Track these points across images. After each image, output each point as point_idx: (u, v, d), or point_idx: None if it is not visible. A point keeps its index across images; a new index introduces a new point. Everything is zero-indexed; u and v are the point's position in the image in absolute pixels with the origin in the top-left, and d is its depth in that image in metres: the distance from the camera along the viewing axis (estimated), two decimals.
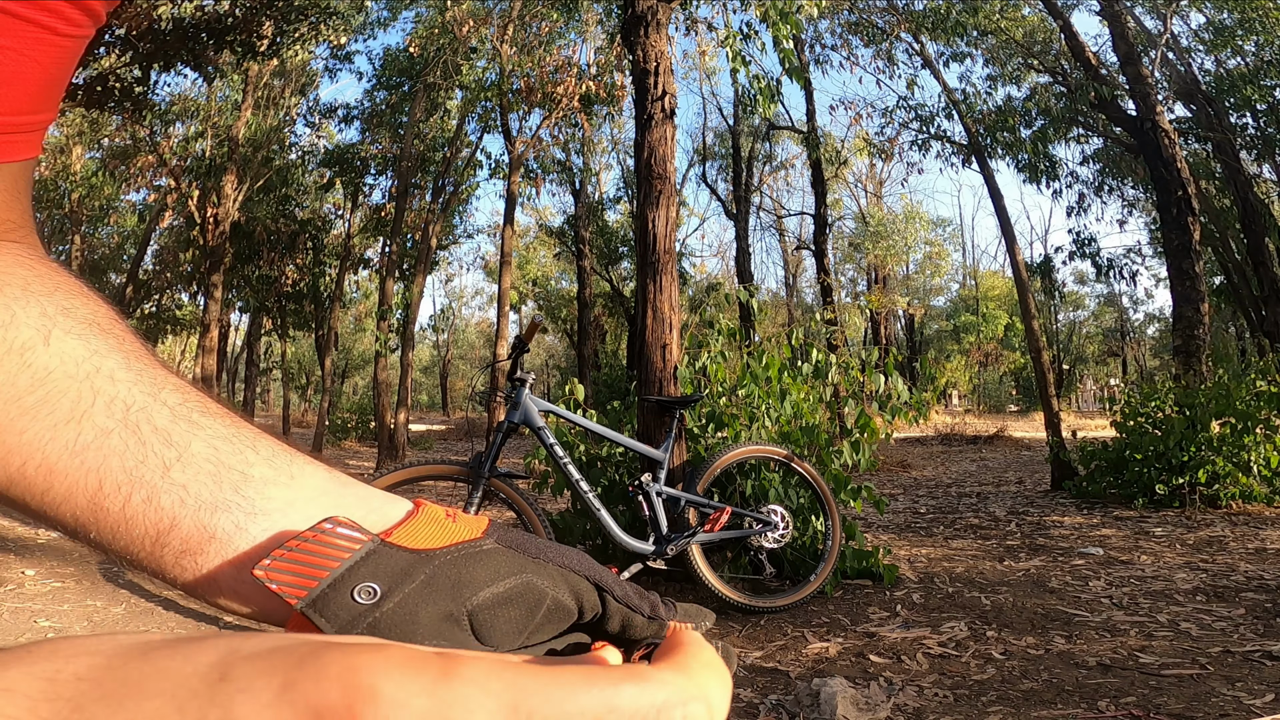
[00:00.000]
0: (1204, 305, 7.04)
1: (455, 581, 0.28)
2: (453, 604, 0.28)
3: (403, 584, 0.27)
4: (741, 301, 4.59)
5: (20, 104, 0.32)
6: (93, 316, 0.32)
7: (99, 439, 0.29)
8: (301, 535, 0.28)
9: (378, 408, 11.39)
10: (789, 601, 2.86)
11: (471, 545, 0.29)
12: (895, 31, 9.66)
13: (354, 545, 0.28)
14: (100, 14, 0.33)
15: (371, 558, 0.28)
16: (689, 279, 23.02)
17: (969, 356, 30.73)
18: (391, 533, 0.29)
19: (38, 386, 0.29)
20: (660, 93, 3.51)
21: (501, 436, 2.61)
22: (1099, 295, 32.71)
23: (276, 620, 0.29)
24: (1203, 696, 1.91)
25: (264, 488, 0.30)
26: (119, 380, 0.30)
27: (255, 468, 0.30)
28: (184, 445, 0.30)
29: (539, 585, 0.30)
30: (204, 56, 7.18)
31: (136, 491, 0.29)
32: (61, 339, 0.30)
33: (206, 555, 0.29)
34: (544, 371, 34.58)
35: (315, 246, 14.55)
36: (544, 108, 11.60)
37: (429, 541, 0.29)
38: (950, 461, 10.15)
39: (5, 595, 2.99)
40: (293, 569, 0.27)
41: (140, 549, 0.29)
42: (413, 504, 0.32)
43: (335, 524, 0.28)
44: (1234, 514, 4.86)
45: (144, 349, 0.32)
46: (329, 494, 0.31)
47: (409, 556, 0.28)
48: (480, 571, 0.29)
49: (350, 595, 0.27)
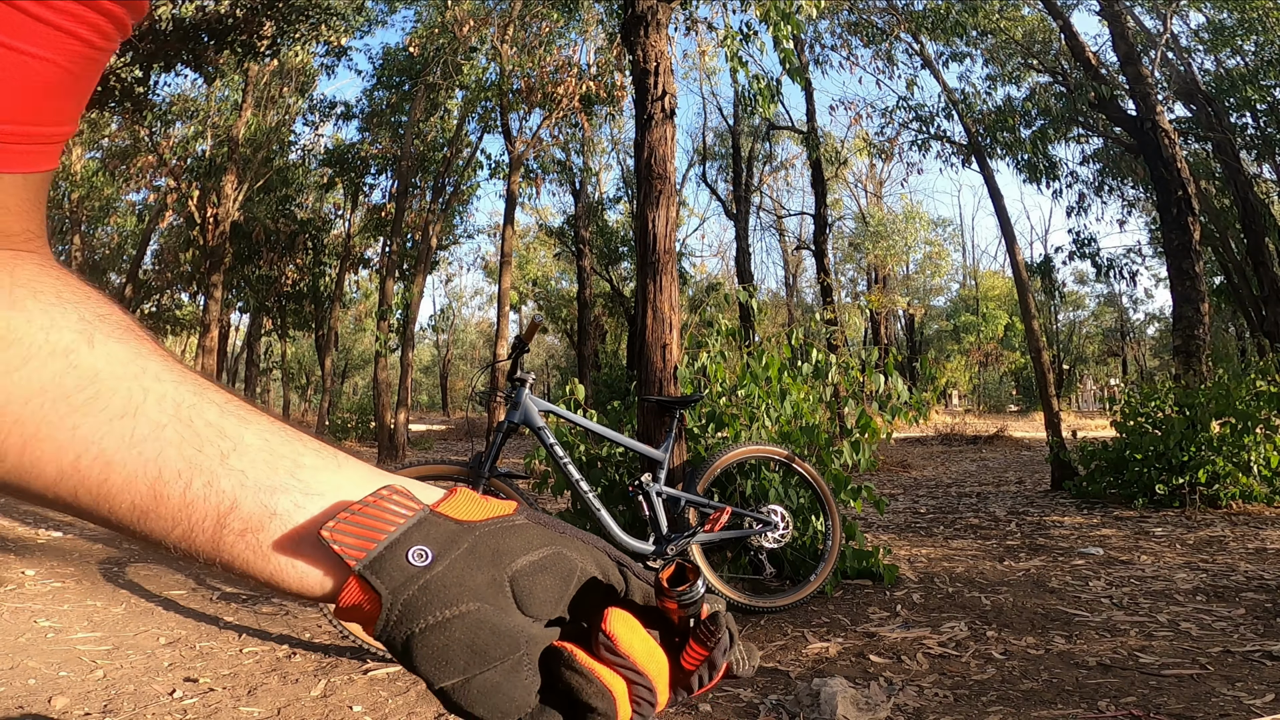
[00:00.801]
0: (1204, 305, 7.04)
1: (496, 550, 0.31)
2: (495, 570, 0.31)
3: (450, 549, 0.30)
4: (741, 302, 4.59)
5: (47, 115, 0.33)
6: (127, 323, 0.34)
7: (154, 432, 0.30)
8: (363, 500, 0.31)
9: (378, 408, 11.39)
10: (789, 601, 2.86)
11: (507, 519, 0.32)
12: (895, 31, 9.65)
13: (409, 511, 0.31)
14: (128, 29, 0.34)
15: (424, 524, 0.30)
16: (689, 279, 23.02)
17: (969, 356, 30.73)
18: (439, 505, 0.32)
19: (86, 386, 0.30)
20: (660, 93, 3.51)
21: (501, 436, 2.61)
22: (1099, 295, 32.73)
23: (322, 594, 0.31)
24: (1203, 696, 1.91)
25: (316, 473, 0.32)
26: (165, 380, 0.32)
27: (305, 456, 0.33)
28: (237, 437, 0.31)
29: (569, 556, 0.33)
30: (204, 57, 7.17)
31: (197, 477, 0.30)
32: (104, 342, 0.32)
33: (268, 531, 0.31)
34: (544, 371, 34.58)
35: (315, 246, 14.55)
36: (544, 108, 11.61)
37: (470, 515, 0.32)
38: (950, 461, 10.15)
39: (5, 595, 2.99)
40: (354, 531, 0.30)
41: (201, 531, 0.30)
42: (450, 488, 0.34)
43: (392, 491, 0.31)
44: (1234, 514, 4.86)
45: (176, 357, 0.34)
46: (374, 478, 0.33)
47: (455, 526, 0.31)
48: (516, 541, 0.32)
49: (405, 557, 0.29)
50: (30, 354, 0.30)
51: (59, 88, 0.32)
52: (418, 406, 41.11)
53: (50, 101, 0.32)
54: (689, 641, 0.34)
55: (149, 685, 2.10)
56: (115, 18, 0.32)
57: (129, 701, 1.98)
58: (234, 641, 2.52)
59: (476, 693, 0.29)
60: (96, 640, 2.50)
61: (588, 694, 0.31)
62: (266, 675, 2.19)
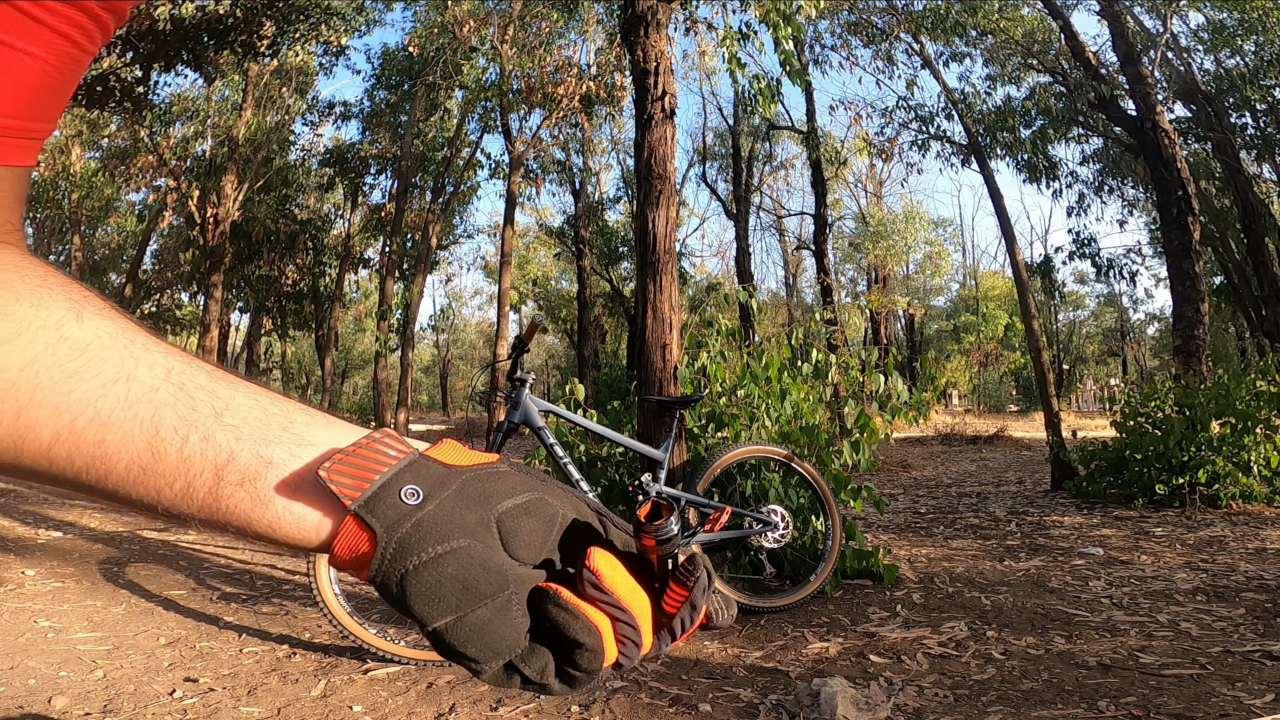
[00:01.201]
0: (1204, 305, 7.04)
1: (482, 492, 0.33)
2: (483, 510, 0.32)
3: (440, 490, 0.32)
4: (741, 302, 4.59)
5: (33, 110, 0.34)
6: (110, 305, 0.35)
7: (148, 394, 0.32)
8: (357, 442, 0.32)
9: (378, 408, 11.40)
10: (789, 601, 2.86)
11: (491, 466, 0.34)
12: (895, 32, 9.65)
13: (399, 454, 0.32)
14: (110, 33, 0.36)
15: (414, 465, 0.32)
16: (689, 279, 23.01)
17: (969, 356, 30.72)
18: (428, 451, 0.34)
19: (78, 355, 0.31)
20: (660, 93, 3.51)
21: (501, 436, 2.61)
22: (1099, 295, 32.71)
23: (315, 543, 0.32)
24: (1203, 696, 1.91)
25: (307, 428, 0.34)
26: (153, 350, 0.33)
27: (295, 414, 0.34)
28: (228, 397, 0.33)
29: (552, 503, 0.34)
30: (204, 57, 7.17)
31: (194, 432, 0.31)
32: (93, 318, 0.33)
33: (265, 480, 0.32)
34: (544, 371, 34.57)
35: (315, 246, 14.54)
36: (544, 108, 11.61)
37: (457, 460, 0.34)
38: (950, 461, 10.15)
39: (5, 595, 2.99)
40: (350, 471, 0.31)
41: (200, 484, 0.31)
42: (437, 440, 0.36)
43: (385, 434, 0.33)
44: (1234, 514, 4.86)
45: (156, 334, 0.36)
46: (363, 434, 0.34)
47: (444, 469, 0.33)
48: (501, 486, 0.33)
49: (398, 495, 0.31)
50: (22, 327, 0.31)
51: (46, 85, 0.33)
52: (418, 406, 41.10)
53: (37, 98, 0.34)
54: (669, 584, 0.35)
55: (149, 685, 2.10)
56: (100, 21, 0.34)
57: (129, 701, 1.98)
58: (234, 641, 2.52)
59: (469, 631, 0.30)
60: (96, 640, 2.50)
61: (574, 630, 0.32)
62: (266, 675, 2.19)
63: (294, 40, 7.66)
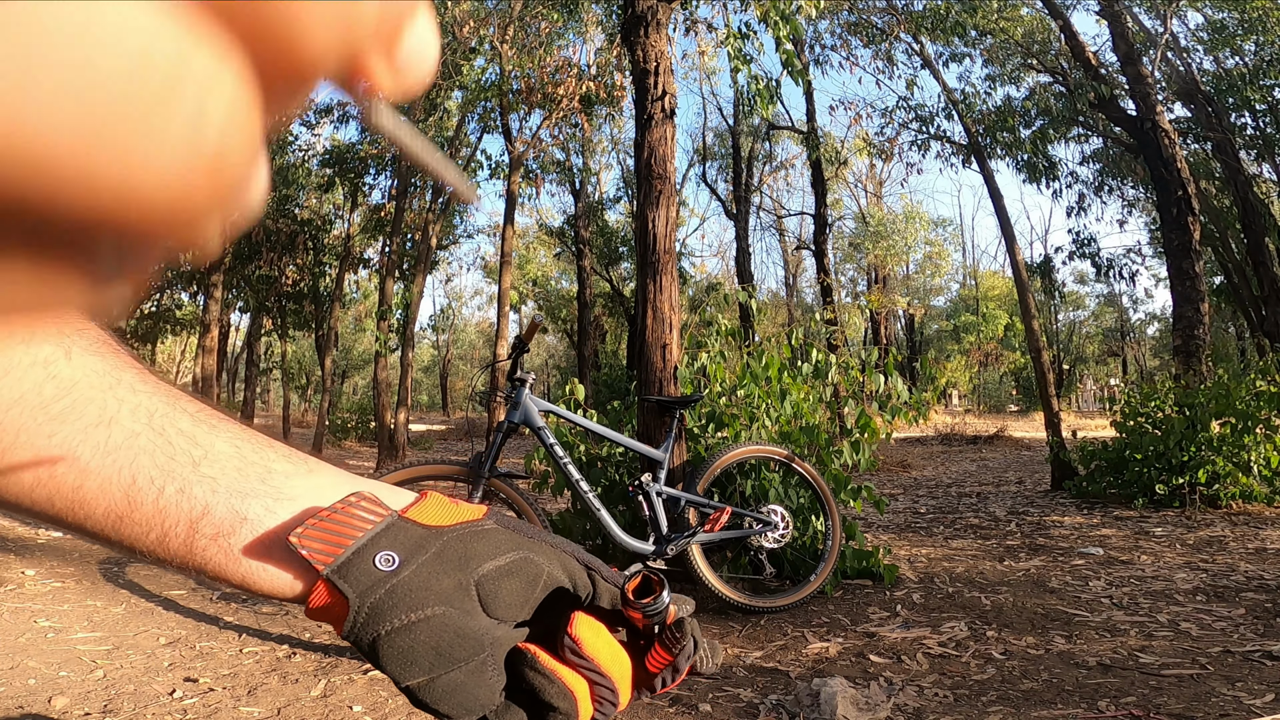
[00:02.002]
0: (1204, 305, 7.04)
1: (463, 554, 0.32)
2: (461, 574, 0.31)
3: (418, 554, 0.31)
4: (741, 302, 4.59)
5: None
6: (102, 338, 0.34)
7: (128, 440, 0.31)
8: (332, 507, 0.31)
9: (378, 408, 11.39)
10: (789, 601, 2.86)
11: (476, 524, 0.34)
12: (894, 32, 9.65)
13: (376, 518, 0.31)
14: None
15: (391, 529, 0.31)
16: (689, 279, 23.01)
17: (969, 356, 30.72)
18: (407, 510, 0.33)
19: (64, 395, 0.31)
20: (660, 93, 3.51)
21: (501, 436, 2.61)
22: (1099, 295, 32.72)
23: (292, 596, 0.32)
24: (1203, 696, 1.91)
25: (286, 479, 0.33)
26: (139, 390, 0.33)
27: (276, 463, 0.33)
28: (209, 444, 0.32)
29: (537, 561, 0.33)
30: None
31: (170, 483, 0.31)
32: (82, 355, 0.32)
33: (239, 535, 0.31)
34: (544, 371, 34.57)
35: (315, 246, 14.54)
36: (544, 108, 11.61)
37: (439, 520, 0.33)
38: (950, 461, 10.15)
39: (5, 595, 2.99)
40: (322, 536, 0.30)
41: (174, 536, 0.31)
42: (419, 493, 0.35)
43: (360, 498, 0.32)
44: (1234, 514, 4.86)
45: (150, 369, 0.35)
46: (345, 484, 0.34)
47: (423, 531, 0.32)
48: (484, 546, 0.33)
49: (373, 561, 0.30)
50: (11, 364, 0.31)
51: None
52: (418, 406, 41.11)
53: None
54: (654, 645, 0.35)
55: (149, 685, 2.10)
56: None
57: (129, 701, 1.98)
58: (234, 641, 2.52)
59: (441, 691, 0.31)
60: (96, 640, 2.50)
61: (549, 694, 0.32)
62: (266, 675, 2.19)
63: None
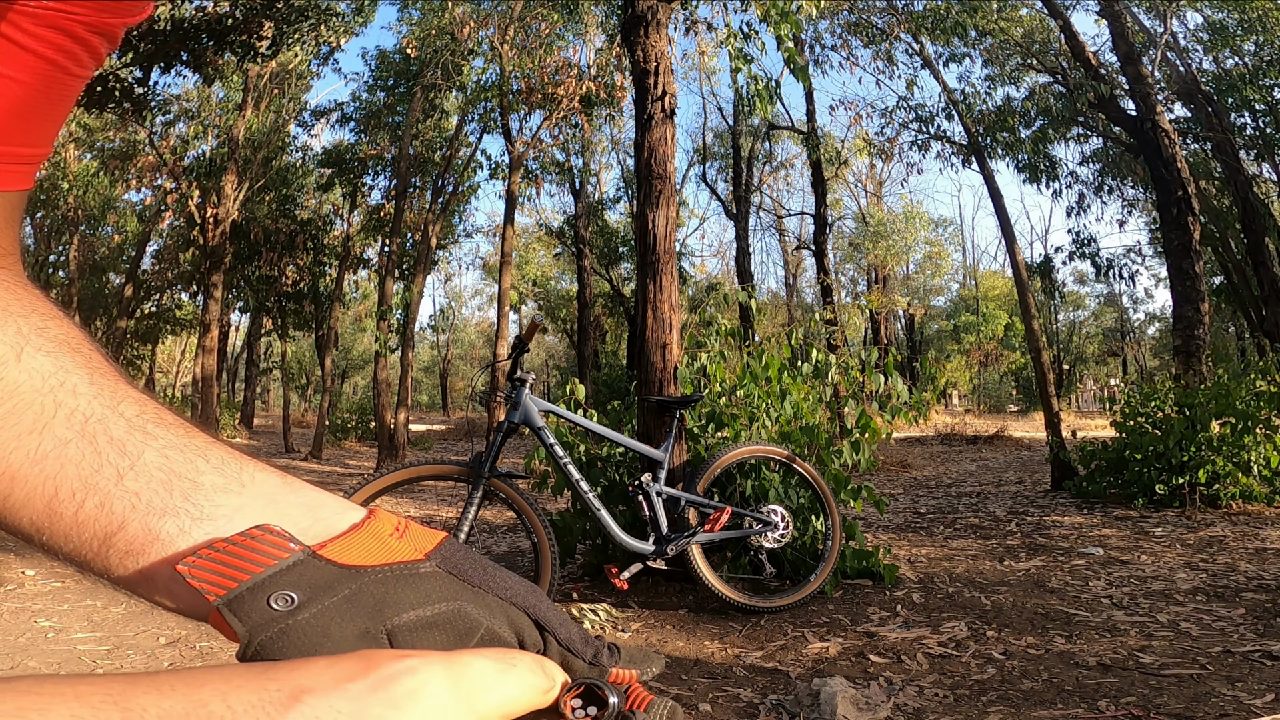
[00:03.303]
0: (1204, 305, 7.04)
1: (380, 600, 0.29)
2: (371, 622, 0.29)
3: (322, 596, 0.28)
4: (741, 302, 4.59)
5: (20, 135, 0.34)
6: (65, 337, 0.33)
7: (58, 449, 0.30)
8: (230, 539, 0.29)
9: (378, 408, 11.39)
10: (789, 601, 2.86)
11: (407, 567, 0.30)
12: (895, 32, 9.65)
13: (280, 555, 0.29)
14: (103, 57, 0.35)
15: (297, 568, 0.29)
16: (689, 279, 23.00)
17: (969, 356, 30.72)
18: (326, 545, 0.30)
19: (6, 399, 0.31)
20: (660, 93, 3.51)
21: (501, 436, 2.61)
22: (1099, 295, 32.73)
23: (200, 617, 0.31)
24: (1203, 696, 1.91)
25: (213, 495, 0.31)
26: (80, 394, 0.32)
27: (205, 475, 0.31)
28: (137, 455, 0.31)
29: (472, 614, 0.30)
30: (203, 58, 7.17)
31: (91, 497, 0.30)
32: (32, 356, 0.32)
33: (147, 555, 0.30)
34: (544, 371, 34.58)
35: (315, 246, 14.54)
36: (544, 108, 11.61)
37: (363, 558, 0.30)
38: (950, 461, 10.15)
39: (5, 595, 2.99)
40: (216, 569, 0.28)
41: (88, 550, 0.31)
42: (364, 514, 0.32)
43: (266, 531, 0.29)
44: (1234, 514, 4.86)
45: (111, 367, 0.34)
46: (277, 502, 0.32)
47: (336, 571, 0.29)
48: (409, 594, 0.30)
49: (267, 601, 0.28)
50: None
51: (31, 110, 0.33)
52: (418, 406, 41.11)
53: (22, 123, 0.33)
54: None
55: None
56: (89, 44, 0.33)
57: None
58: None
59: None
60: (96, 640, 2.50)
61: None
62: None
63: (293, 41, 7.66)
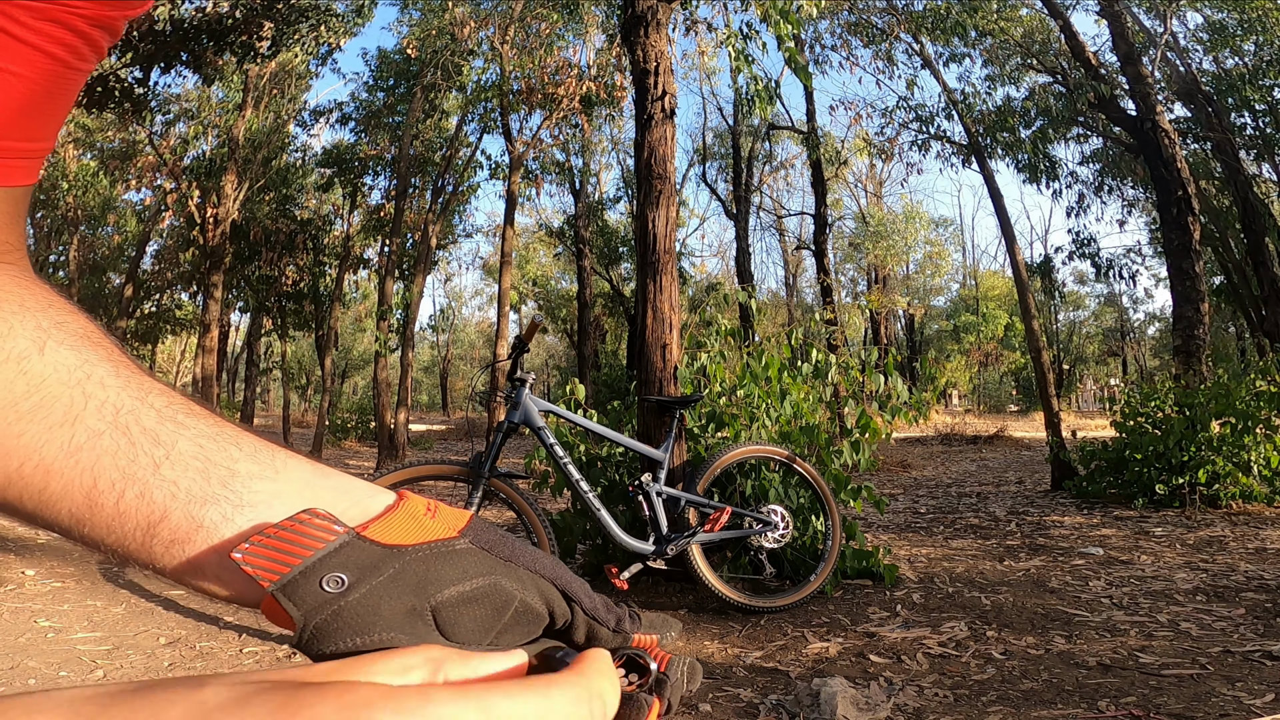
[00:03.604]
0: (1204, 305, 7.04)
1: (422, 578, 0.30)
2: (417, 599, 0.30)
3: (370, 576, 0.29)
4: (741, 302, 4.59)
5: (24, 130, 0.34)
6: (84, 330, 0.33)
7: (92, 440, 0.30)
8: (280, 524, 0.30)
9: (378, 408, 11.39)
10: (789, 601, 2.86)
11: (444, 544, 0.31)
12: (895, 32, 9.65)
13: (329, 536, 0.29)
14: (104, 50, 0.35)
15: (344, 549, 0.29)
16: (689, 279, 23.00)
17: (969, 356, 30.72)
18: (368, 527, 0.31)
19: (33, 392, 0.31)
20: (660, 93, 3.51)
21: (501, 436, 2.61)
22: (1099, 295, 32.73)
23: (251, 603, 0.31)
24: (1203, 696, 1.91)
25: (249, 482, 0.32)
26: (109, 386, 0.32)
27: (240, 463, 0.32)
28: (171, 444, 0.31)
29: (507, 587, 0.31)
30: (203, 58, 7.17)
31: (130, 487, 0.30)
32: (55, 349, 0.32)
33: (194, 543, 0.31)
34: (544, 371, 34.58)
35: (315, 246, 14.54)
36: (544, 108, 11.62)
37: (402, 538, 0.31)
38: (950, 461, 10.15)
39: (5, 595, 2.99)
40: (268, 554, 0.29)
41: (132, 540, 0.31)
42: (396, 497, 0.33)
43: (313, 515, 0.30)
44: (1234, 514, 4.86)
45: (131, 360, 0.34)
46: (312, 486, 0.32)
47: (380, 551, 0.30)
48: (449, 570, 0.30)
49: (319, 583, 0.28)
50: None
51: (33, 105, 0.33)
52: (418, 406, 41.11)
53: (25, 118, 0.33)
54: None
55: None
56: (90, 38, 0.33)
57: None
58: (234, 641, 2.52)
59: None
60: (96, 640, 2.50)
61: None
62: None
63: (294, 42, 7.65)
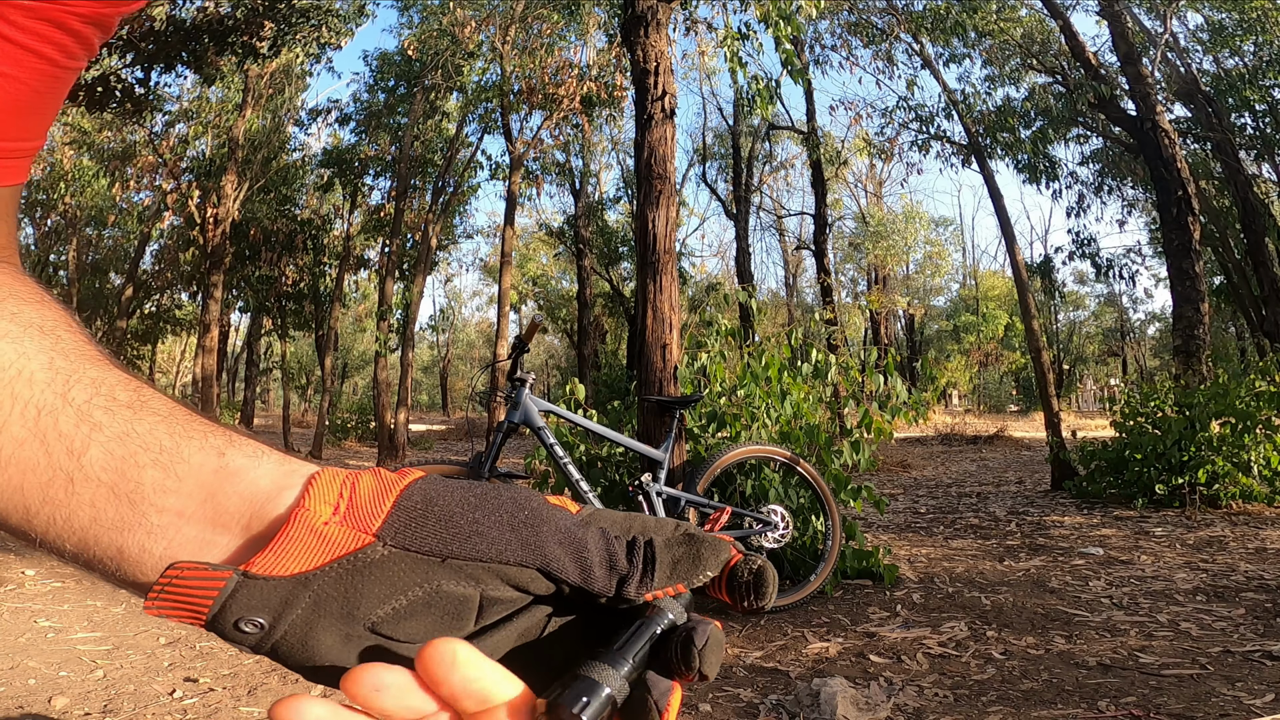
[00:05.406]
0: (1204, 305, 7.04)
1: (345, 602, 0.27)
2: (347, 626, 0.27)
3: (286, 612, 0.26)
4: (741, 302, 4.59)
5: (15, 130, 0.34)
6: (38, 320, 0.30)
7: (16, 452, 0.28)
8: (159, 582, 0.26)
9: (378, 408, 11.40)
10: (789, 601, 2.86)
11: (357, 558, 0.27)
12: (895, 32, 9.66)
13: (214, 585, 0.26)
14: (95, 49, 0.35)
15: (241, 590, 0.26)
16: (689, 279, 23.01)
17: (969, 356, 30.72)
18: (254, 562, 0.26)
19: None
20: (660, 93, 3.51)
21: (501, 436, 2.61)
22: (1099, 295, 32.73)
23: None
24: (1203, 696, 1.91)
25: (155, 498, 0.28)
26: (36, 383, 0.29)
27: (146, 471, 0.28)
28: (83, 451, 0.28)
29: (453, 591, 0.27)
30: (204, 58, 7.17)
31: (57, 512, 0.28)
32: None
33: (124, 573, 0.28)
34: (544, 371, 34.58)
35: (315, 247, 14.54)
36: (544, 109, 11.63)
37: (304, 563, 0.26)
38: (950, 461, 10.15)
39: (5, 595, 3.00)
40: (178, 601, 0.26)
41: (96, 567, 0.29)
42: (299, 495, 0.28)
43: (179, 571, 0.26)
44: (1234, 514, 4.86)
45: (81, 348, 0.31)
46: (215, 496, 0.28)
47: (285, 583, 0.26)
48: (372, 587, 0.27)
49: (237, 627, 0.26)
50: None
51: (24, 105, 0.33)
52: (418, 406, 41.10)
53: (15, 118, 0.33)
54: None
55: (149, 685, 2.10)
56: (82, 37, 0.33)
57: (129, 701, 1.98)
58: None
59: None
60: (96, 640, 2.50)
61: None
62: (266, 675, 2.19)
63: (294, 43, 7.65)
